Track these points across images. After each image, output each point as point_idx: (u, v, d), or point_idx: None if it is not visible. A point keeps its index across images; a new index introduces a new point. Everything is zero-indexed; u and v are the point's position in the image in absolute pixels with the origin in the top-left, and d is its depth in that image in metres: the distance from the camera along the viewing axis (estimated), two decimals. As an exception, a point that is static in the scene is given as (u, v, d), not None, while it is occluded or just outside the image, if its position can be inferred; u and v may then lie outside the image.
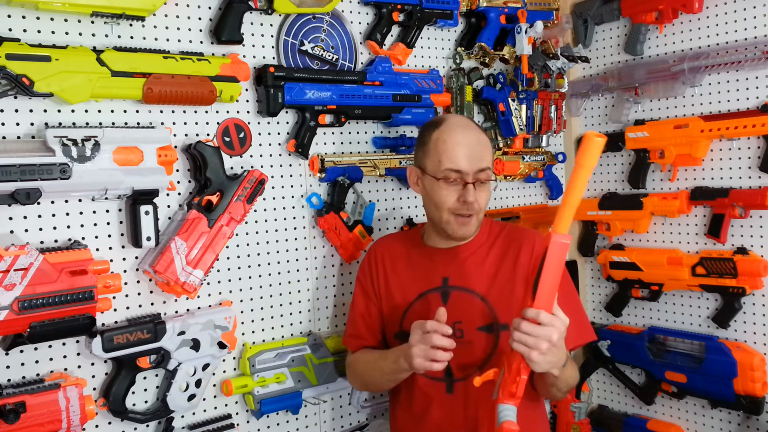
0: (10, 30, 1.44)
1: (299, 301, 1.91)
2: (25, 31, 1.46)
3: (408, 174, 1.68)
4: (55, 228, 1.50)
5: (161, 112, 1.65)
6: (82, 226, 1.54)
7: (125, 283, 1.59)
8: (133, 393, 1.61)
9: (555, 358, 1.28)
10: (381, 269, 1.71)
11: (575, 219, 2.51)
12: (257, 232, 1.82)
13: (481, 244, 1.64)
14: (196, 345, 1.63)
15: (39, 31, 1.48)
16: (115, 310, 1.58)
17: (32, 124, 1.47)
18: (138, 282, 1.62)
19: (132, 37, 1.60)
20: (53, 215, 1.50)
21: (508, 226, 1.70)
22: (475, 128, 1.62)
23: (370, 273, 1.73)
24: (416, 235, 1.73)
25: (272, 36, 1.84)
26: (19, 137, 1.45)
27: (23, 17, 1.46)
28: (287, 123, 1.87)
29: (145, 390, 1.64)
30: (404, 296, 1.65)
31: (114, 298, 1.57)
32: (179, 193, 1.68)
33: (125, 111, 1.60)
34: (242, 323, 1.80)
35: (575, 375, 1.52)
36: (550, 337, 1.22)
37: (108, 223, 1.57)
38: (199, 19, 1.71)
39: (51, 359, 1.50)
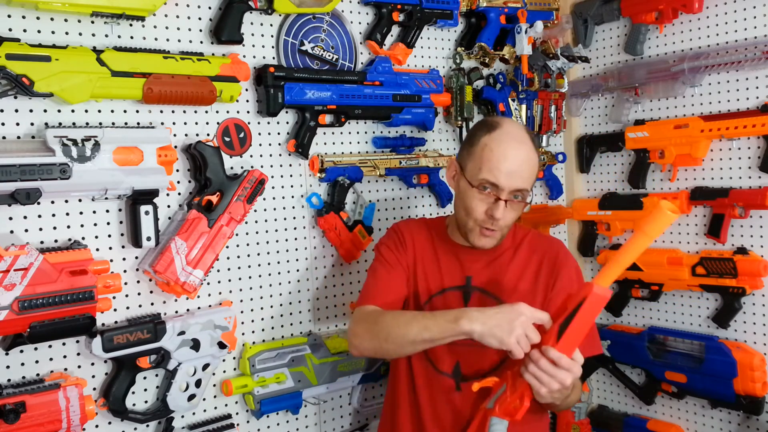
0: (10, 30, 1.44)
1: (299, 301, 1.91)
2: (25, 31, 1.46)
3: (447, 166, 1.64)
4: (55, 228, 1.50)
5: (161, 112, 1.65)
6: (82, 226, 1.54)
7: (125, 283, 1.59)
8: (133, 393, 1.61)
9: (562, 395, 1.31)
10: (410, 248, 1.64)
11: (575, 219, 2.51)
12: (257, 232, 1.82)
13: (506, 248, 1.62)
14: (196, 345, 1.63)
15: (39, 31, 1.48)
16: (115, 310, 1.58)
17: (32, 124, 1.47)
18: (138, 282, 1.62)
19: (132, 37, 1.61)
20: (53, 215, 1.50)
21: (531, 232, 1.68)
22: (528, 144, 1.52)
23: (399, 248, 1.63)
24: (441, 227, 1.69)
25: (272, 36, 1.84)
26: (19, 137, 1.45)
27: (23, 17, 1.46)
28: (287, 123, 1.87)
29: (145, 390, 1.64)
30: (426, 287, 1.61)
31: (114, 298, 1.57)
32: (179, 193, 1.68)
33: (125, 111, 1.60)
34: (242, 323, 1.80)
35: (577, 396, 1.51)
36: (564, 381, 1.24)
37: (108, 223, 1.57)
38: (199, 19, 1.71)
39: (51, 359, 1.50)
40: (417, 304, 1.62)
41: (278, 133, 1.86)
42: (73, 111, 1.52)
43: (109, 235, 1.58)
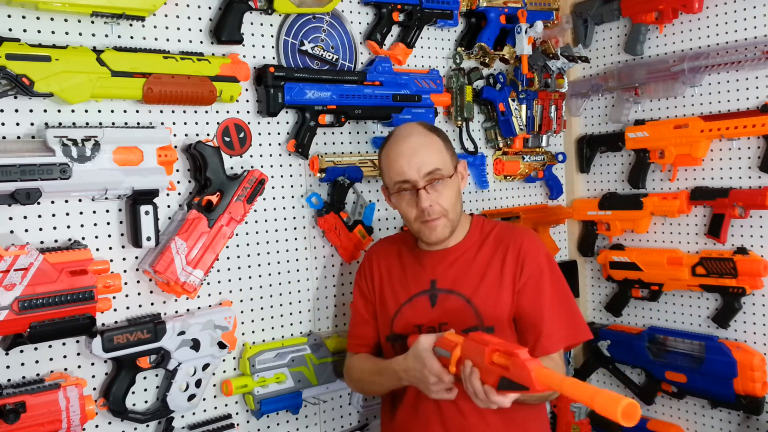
0: (10, 30, 1.44)
1: (299, 301, 1.91)
2: (25, 31, 1.46)
3: (383, 195, 1.70)
4: (55, 228, 1.50)
5: (161, 112, 1.65)
6: (82, 226, 1.54)
7: (125, 283, 1.59)
8: (133, 393, 1.61)
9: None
10: (376, 273, 1.72)
11: (575, 219, 2.51)
12: (257, 232, 1.82)
13: (470, 245, 1.64)
14: (196, 345, 1.63)
15: (39, 31, 1.48)
16: (115, 310, 1.58)
17: (32, 124, 1.47)
18: (138, 282, 1.62)
19: (132, 37, 1.61)
20: (53, 215, 1.50)
21: (499, 225, 1.69)
22: (417, 133, 1.58)
23: (365, 276, 1.75)
24: (410, 238, 1.73)
25: (272, 36, 1.84)
26: (19, 137, 1.45)
27: (23, 17, 1.46)
28: (287, 123, 1.87)
29: (145, 390, 1.64)
30: (395, 299, 1.66)
31: (114, 298, 1.57)
32: (179, 193, 1.68)
33: (125, 111, 1.60)
34: (242, 323, 1.80)
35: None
36: (491, 408, 1.31)
37: (108, 223, 1.57)
38: (199, 19, 1.71)
39: (51, 359, 1.50)
40: (388, 317, 1.66)
41: (278, 133, 1.86)
42: (73, 111, 1.52)
43: (109, 235, 1.57)
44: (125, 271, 1.60)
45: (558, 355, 1.57)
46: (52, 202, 1.50)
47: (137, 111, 1.61)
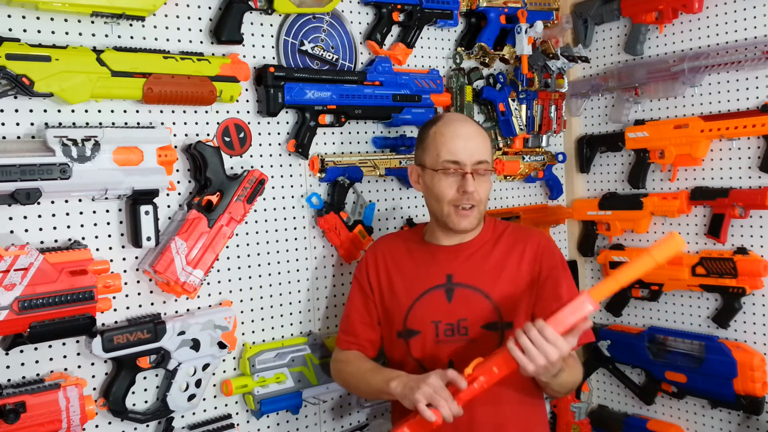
0: (10, 30, 1.44)
1: (299, 301, 1.91)
2: (25, 31, 1.46)
3: (409, 173, 1.69)
4: (55, 228, 1.50)
5: (161, 112, 1.65)
6: (82, 226, 1.54)
7: (125, 283, 1.59)
8: (133, 393, 1.61)
9: (549, 373, 1.35)
10: (383, 267, 1.69)
11: (575, 219, 2.51)
12: (257, 232, 1.82)
13: (485, 241, 1.64)
14: (196, 345, 1.63)
15: (39, 31, 1.48)
16: (115, 310, 1.58)
17: (32, 124, 1.47)
18: (138, 282, 1.62)
19: (132, 37, 1.61)
20: (53, 215, 1.50)
21: (512, 225, 1.70)
22: (473, 122, 1.65)
23: (368, 271, 1.70)
24: (417, 234, 1.72)
25: (272, 36, 1.84)
26: (19, 137, 1.45)
27: (23, 17, 1.46)
28: (287, 123, 1.87)
29: (145, 390, 1.64)
30: (408, 294, 1.63)
31: (114, 298, 1.57)
32: (179, 193, 1.68)
33: (125, 111, 1.60)
34: (242, 323, 1.80)
35: (574, 377, 1.52)
36: (550, 356, 1.28)
37: (108, 223, 1.57)
38: (199, 19, 1.71)
39: (51, 359, 1.50)
40: (401, 312, 1.63)
41: (278, 133, 1.86)
42: (73, 111, 1.52)
43: (109, 235, 1.58)
44: (125, 271, 1.60)
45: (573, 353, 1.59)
46: (52, 202, 1.50)
47: (137, 111, 1.61)
